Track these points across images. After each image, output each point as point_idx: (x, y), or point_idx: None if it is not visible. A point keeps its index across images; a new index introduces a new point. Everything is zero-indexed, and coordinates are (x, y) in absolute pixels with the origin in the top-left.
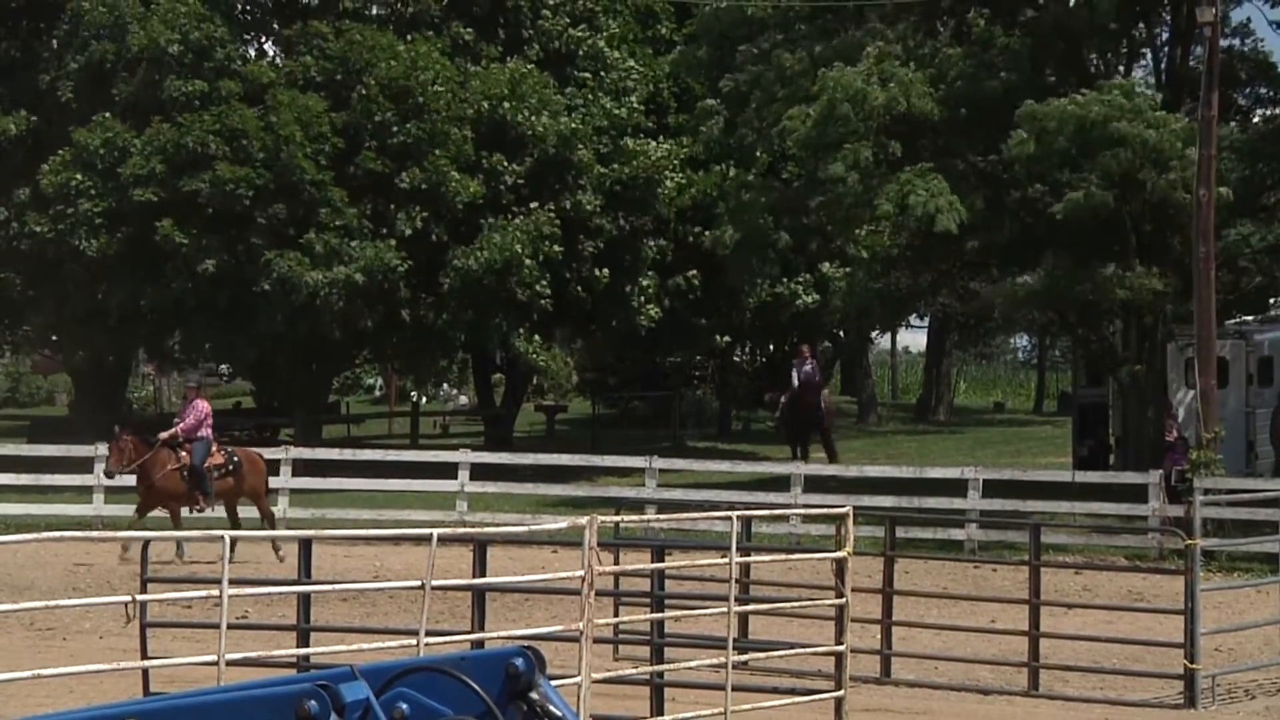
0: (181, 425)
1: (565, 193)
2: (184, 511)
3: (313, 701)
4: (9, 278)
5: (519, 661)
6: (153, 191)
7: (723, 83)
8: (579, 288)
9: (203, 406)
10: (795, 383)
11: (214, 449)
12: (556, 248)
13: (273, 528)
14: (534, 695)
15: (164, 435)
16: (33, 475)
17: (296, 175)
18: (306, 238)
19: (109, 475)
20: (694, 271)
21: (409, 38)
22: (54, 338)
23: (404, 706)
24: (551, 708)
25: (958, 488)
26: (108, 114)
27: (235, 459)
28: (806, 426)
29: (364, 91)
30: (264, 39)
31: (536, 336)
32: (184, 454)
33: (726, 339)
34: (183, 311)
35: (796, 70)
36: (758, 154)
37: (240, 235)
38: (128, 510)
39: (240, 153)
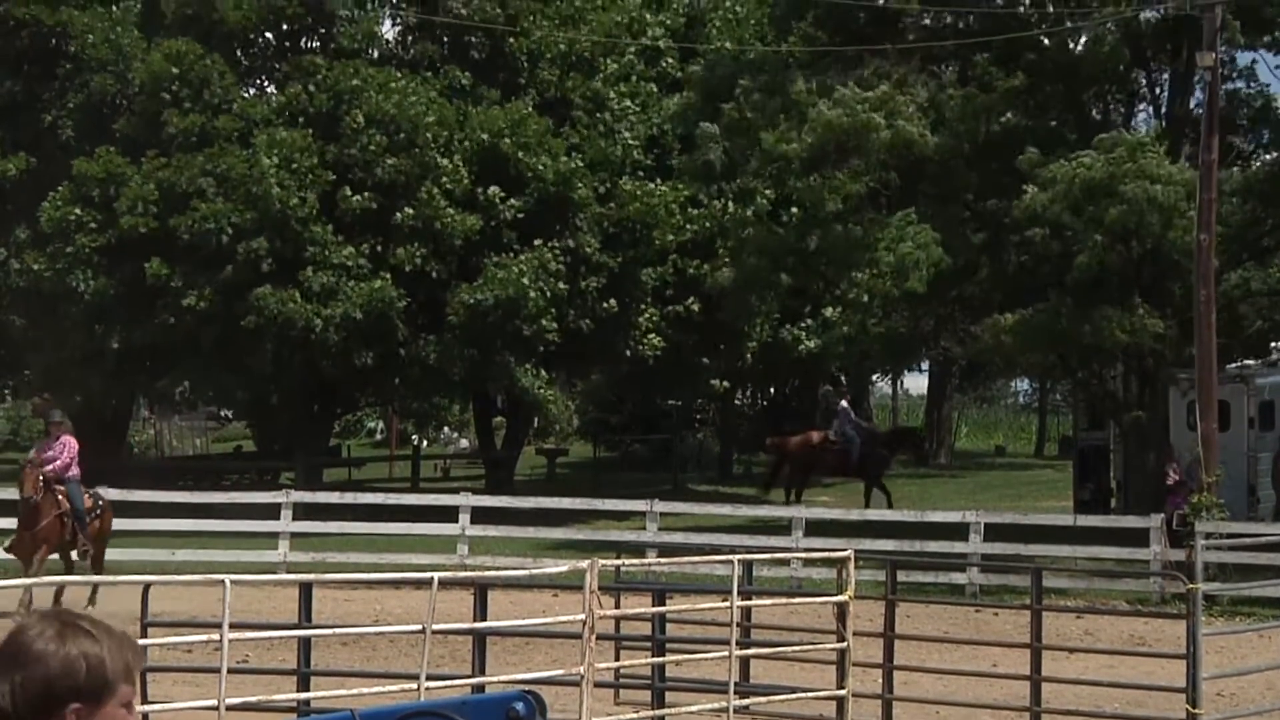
0: (56, 465)
1: (566, 232)
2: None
3: None
4: (9, 319)
5: (520, 706)
6: (145, 222)
7: (725, 110)
8: (585, 321)
9: (74, 444)
10: (844, 433)
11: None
12: (562, 285)
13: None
14: None
15: (42, 470)
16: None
17: (281, 212)
18: (303, 274)
19: (27, 502)
20: (692, 299)
21: (402, 74)
22: (49, 386)
23: None
24: None
25: (959, 531)
26: (111, 148)
27: (101, 501)
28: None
29: (353, 124)
30: (263, 78)
31: (542, 372)
32: (60, 497)
33: (725, 383)
34: (174, 352)
35: (803, 97)
36: (758, 190)
37: (231, 273)
38: (128, 555)
39: (231, 192)
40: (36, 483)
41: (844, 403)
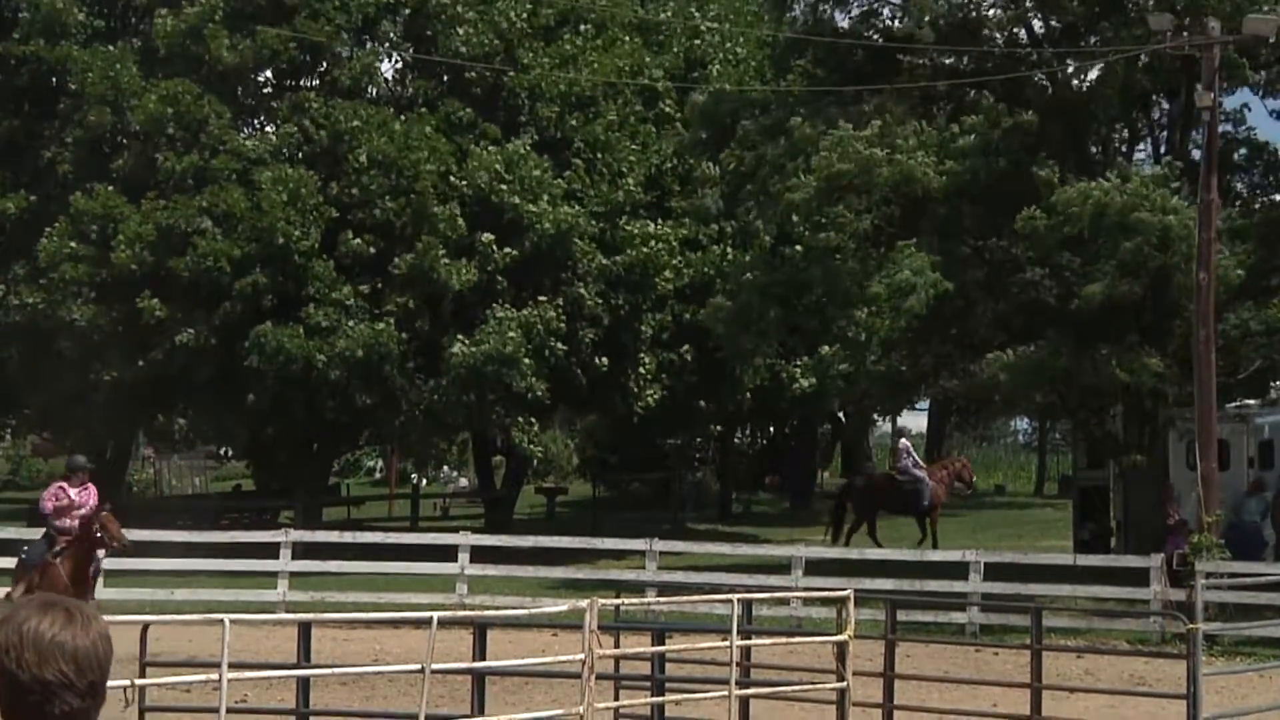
0: (86, 511)
1: (564, 284)
2: None
3: None
4: (8, 356)
5: None
6: (140, 258)
7: (724, 156)
8: (579, 371)
9: (95, 493)
10: (908, 471)
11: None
12: (560, 346)
13: None
14: None
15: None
16: None
17: (282, 246)
18: (306, 310)
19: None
20: (686, 346)
21: (403, 117)
22: (48, 424)
23: None
24: None
25: (959, 570)
26: (110, 187)
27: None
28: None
29: (354, 164)
30: (260, 117)
31: (535, 425)
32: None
33: (719, 428)
34: (172, 390)
35: (809, 137)
36: (759, 231)
37: (231, 309)
38: (126, 594)
39: (230, 230)
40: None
41: (904, 440)
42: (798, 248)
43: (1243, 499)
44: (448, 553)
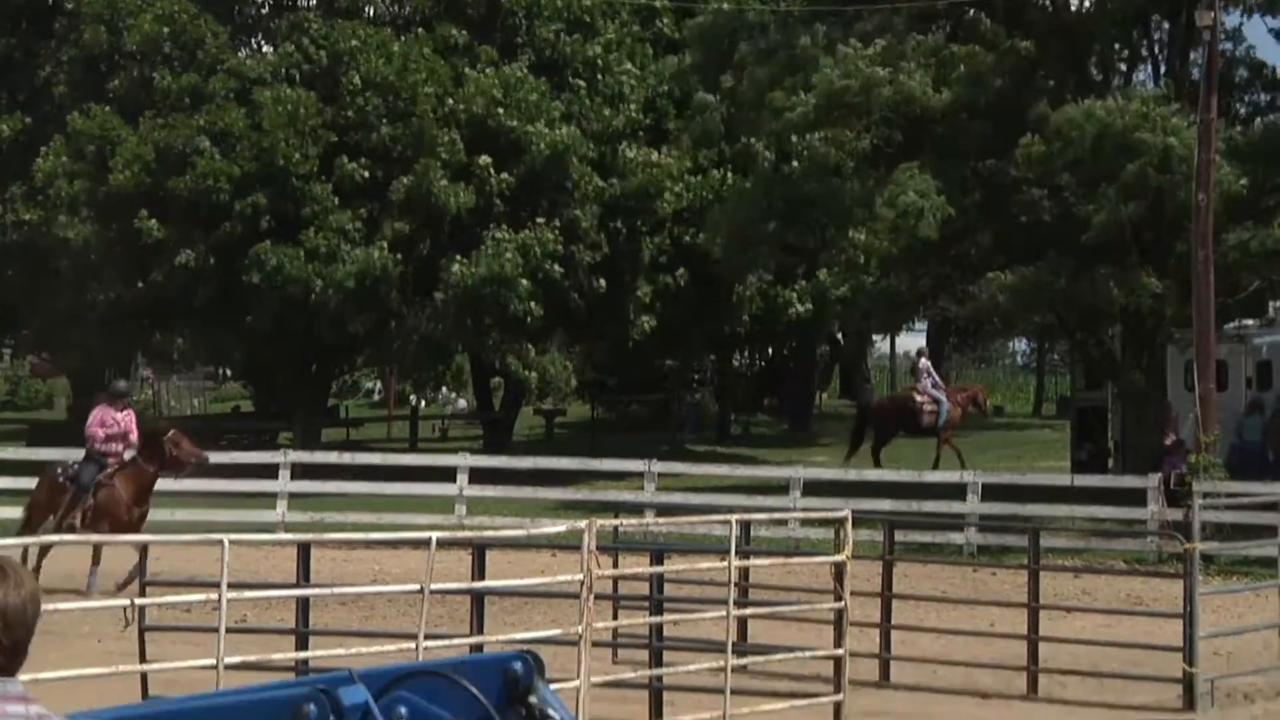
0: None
1: (561, 206)
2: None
3: (311, 706)
4: (6, 276)
5: (518, 666)
6: (139, 179)
7: (723, 79)
8: (575, 295)
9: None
10: (930, 392)
11: None
12: (557, 267)
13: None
14: (533, 699)
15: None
16: (29, 479)
17: (282, 168)
18: (304, 234)
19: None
20: (682, 270)
21: (402, 38)
22: (46, 345)
23: (403, 710)
24: (550, 711)
25: (956, 492)
26: (107, 106)
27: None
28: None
29: (351, 86)
30: (258, 35)
31: (531, 350)
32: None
33: (713, 357)
34: (170, 310)
35: (810, 54)
36: (759, 153)
37: (230, 230)
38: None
39: (229, 150)
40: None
41: (925, 361)
42: (794, 164)
43: (1242, 419)
44: (446, 474)
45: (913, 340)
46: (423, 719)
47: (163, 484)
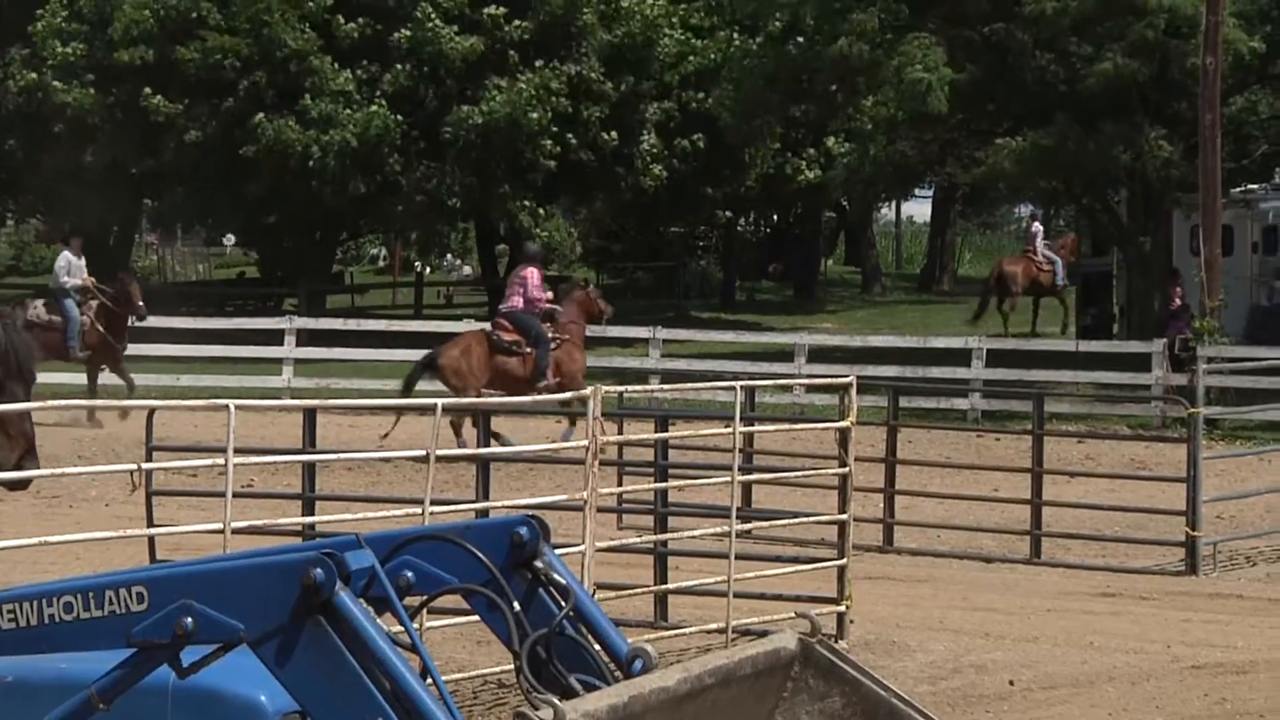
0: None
1: (569, 56)
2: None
3: (318, 569)
4: (6, 140)
5: (523, 530)
6: (139, 54)
7: None
8: (585, 151)
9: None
10: (1047, 255)
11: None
12: (565, 102)
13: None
14: (538, 564)
15: None
16: None
17: (280, 46)
18: (301, 103)
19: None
20: (699, 135)
21: None
22: (46, 208)
23: (409, 574)
24: (555, 576)
25: (961, 357)
26: None
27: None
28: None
29: None
30: None
31: (541, 209)
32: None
33: (728, 213)
34: (174, 177)
35: None
36: (770, 20)
37: (230, 104)
38: (137, 379)
39: (230, 19)
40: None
41: (1037, 224)
42: (799, 39)
43: (1275, 282)
44: (452, 339)
45: (917, 207)
46: (428, 582)
47: (169, 349)
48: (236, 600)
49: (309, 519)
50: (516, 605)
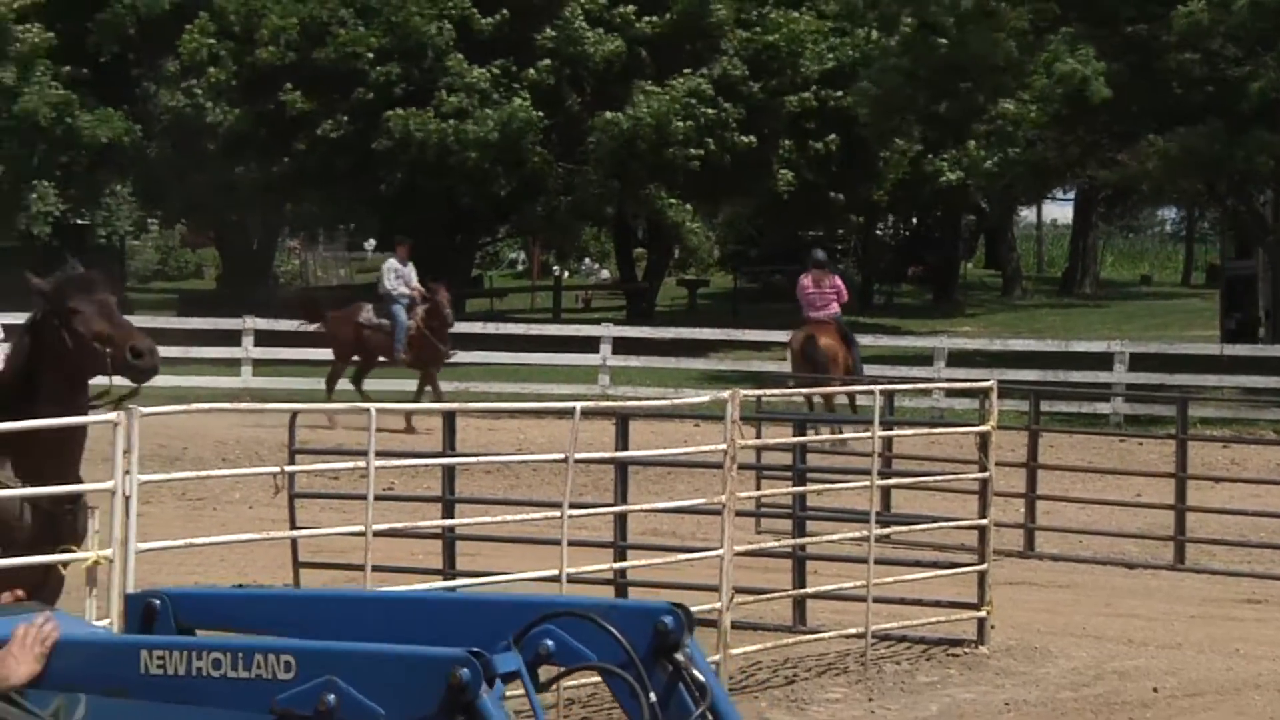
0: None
1: (707, 57)
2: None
3: (465, 670)
4: (157, 151)
5: (668, 620)
6: (278, 54)
7: None
8: (724, 154)
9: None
10: None
11: None
12: (709, 110)
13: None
14: (679, 656)
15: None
16: (181, 348)
17: (417, 39)
18: (437, 95)
19: None
20: (833, 136)
21: None
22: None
23: (550, 643)
24: (695, 672)
25: (1103, 361)
26: None
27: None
28: None
29: None
30: None
31: (687, 205)
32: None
33: (861, 219)
34: (309, 181)
35: None
36: (898, 20)
37: (366, 97)
38: (275, 383)
39: (368, 18)
40: None
41: None
42: (942, 41)
43: None
44: (590, 344)
45: (1059, 210)
46: (567, 655)
47: (312, 353)
48: (381, 686)
49: (449, 521)
50: (654, 696)
